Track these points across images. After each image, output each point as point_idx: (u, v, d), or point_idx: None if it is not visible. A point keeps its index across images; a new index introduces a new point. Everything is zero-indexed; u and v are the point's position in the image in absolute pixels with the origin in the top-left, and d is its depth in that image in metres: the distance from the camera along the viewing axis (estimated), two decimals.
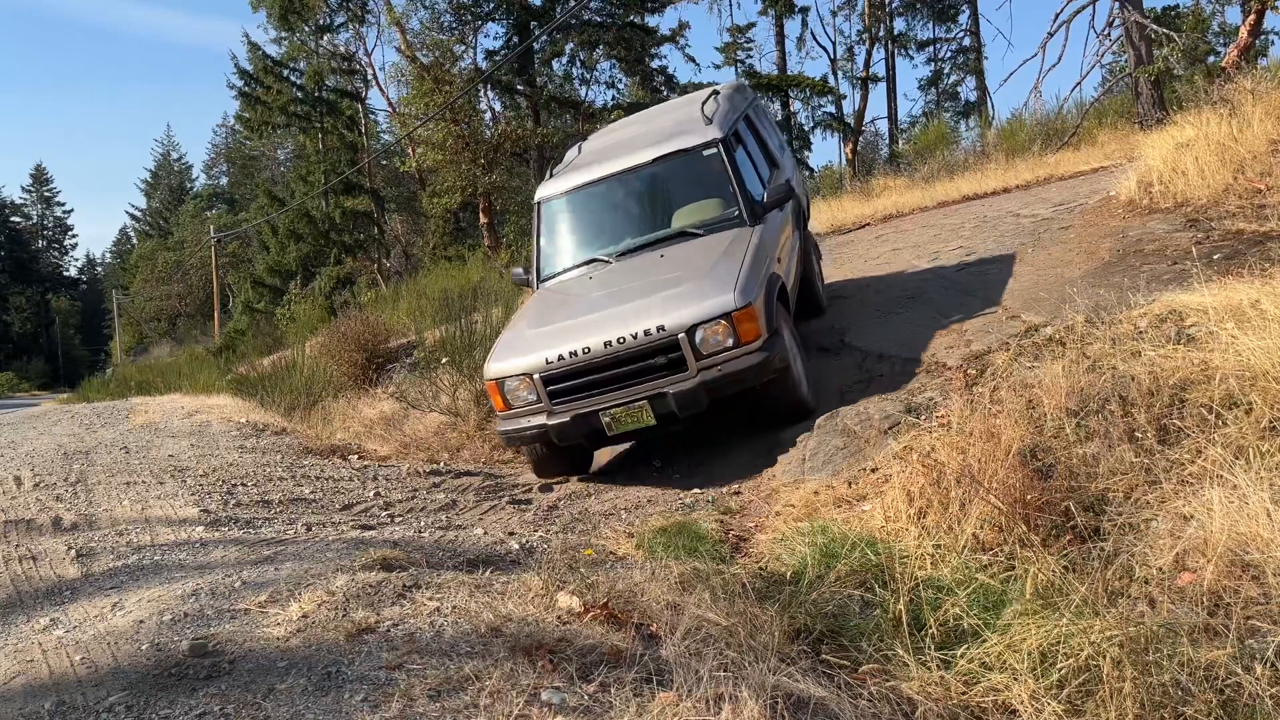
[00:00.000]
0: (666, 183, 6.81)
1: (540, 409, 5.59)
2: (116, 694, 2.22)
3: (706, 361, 5.25)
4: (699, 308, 5.27)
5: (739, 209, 6.25)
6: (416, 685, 2.20)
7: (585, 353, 5.38)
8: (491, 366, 5.83)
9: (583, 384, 5.45)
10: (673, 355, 5.27)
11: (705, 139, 6.52)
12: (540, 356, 5.53)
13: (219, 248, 36.26)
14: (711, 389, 5.23)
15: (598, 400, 5.41)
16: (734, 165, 6.42)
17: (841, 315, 8.04)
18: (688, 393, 5.24)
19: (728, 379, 5.22)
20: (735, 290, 5.28)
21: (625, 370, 5.35)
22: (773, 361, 5.29)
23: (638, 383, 5.35)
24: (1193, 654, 2.31)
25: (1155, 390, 3.71)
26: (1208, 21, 19.67)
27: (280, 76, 30.89)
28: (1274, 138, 7.79)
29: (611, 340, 5.32)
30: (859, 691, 2.40)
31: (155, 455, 6.03)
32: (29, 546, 3.70)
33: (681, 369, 5.28)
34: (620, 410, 5.35)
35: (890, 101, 36.80)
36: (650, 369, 5.33)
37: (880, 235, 11.87)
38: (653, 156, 6.66)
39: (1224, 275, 4.90)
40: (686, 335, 5.23)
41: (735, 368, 5.23)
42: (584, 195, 6.95)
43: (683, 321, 5.25)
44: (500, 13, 27.96)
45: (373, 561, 3.25)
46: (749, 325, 5.26)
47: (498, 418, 5.95)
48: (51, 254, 75.38)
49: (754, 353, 5.27)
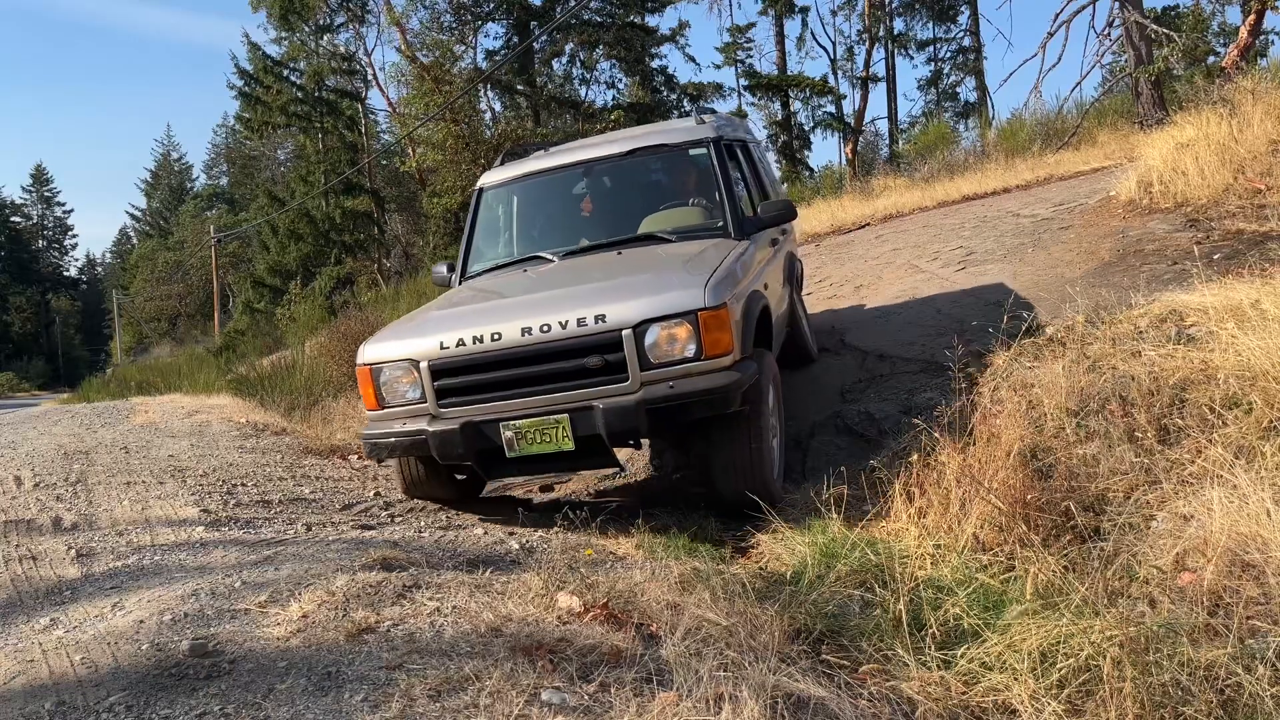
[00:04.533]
0: (639, 182, 5.65)
1: (422, 410, 4.26)
2: (116, 694, 2.22)
3: (655, 373, 3.95)
4: (656, 300, 4.00)
5: (725, 220, 5.05)
6: (416, 685, 2.20)
7: (495, 339, 4.08)
8: (366, 349, 4.49)
9: (484, 382, 4.16)
10: (611, 357, 3.97)
11: (694, 137, 5.44)
12: (434, 340, 4.24)
13: (219, 248, 36.25)
14: (655, 411, 3.90)
15: (501, 406, 4.11)
16: (724, 170, 5.26)
17: (841, 315, 8.04)
18: (622, 411, 3.90)
19: (679, 401, 3.89)
20: (707, 285, 4.01)
21: (545, 370, 4.06)
22: (741, 389, 3.98)
23: (559, 389, 4.04)
24: (1193, 654, 2.31)
25: (1155, 390, 3.71)
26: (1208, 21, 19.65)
27: (280, 76, 30.95)
28: (1274, 138, 7.80)
29: (532, 327, 4.04)
30: (859, 691, 2.40)
31: (155, 455, 6.03)
32: (29, 546, 3.70)
33: (619, 377, 3.98)
34: (529, 424, 4.01)
35: (890, 101, 36.89)
36: (578, 373, 4.03)
37: (880, 235, 11.87)
38: (627, 149, 5.51)
39: (1224, 275, 4.90)
40: (633, 333, 3.94)
41: (692, 387, 3.90)
42: (536, 185, 5.72)
43: (631, 314, 3.96)
44: (500, 13, 28.03)
45: (373, 561, 3.25)
46: (719, 334, 3.98)
47: (367, 418, 4.56)
48: (51, 254, 75.44)
49: (720, 372, 3.98)
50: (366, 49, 40.16)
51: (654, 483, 5.63)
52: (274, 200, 32.25)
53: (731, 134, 5.93)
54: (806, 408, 5.83)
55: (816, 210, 15.41)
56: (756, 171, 6.40)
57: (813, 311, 8.55)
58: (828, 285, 9.77)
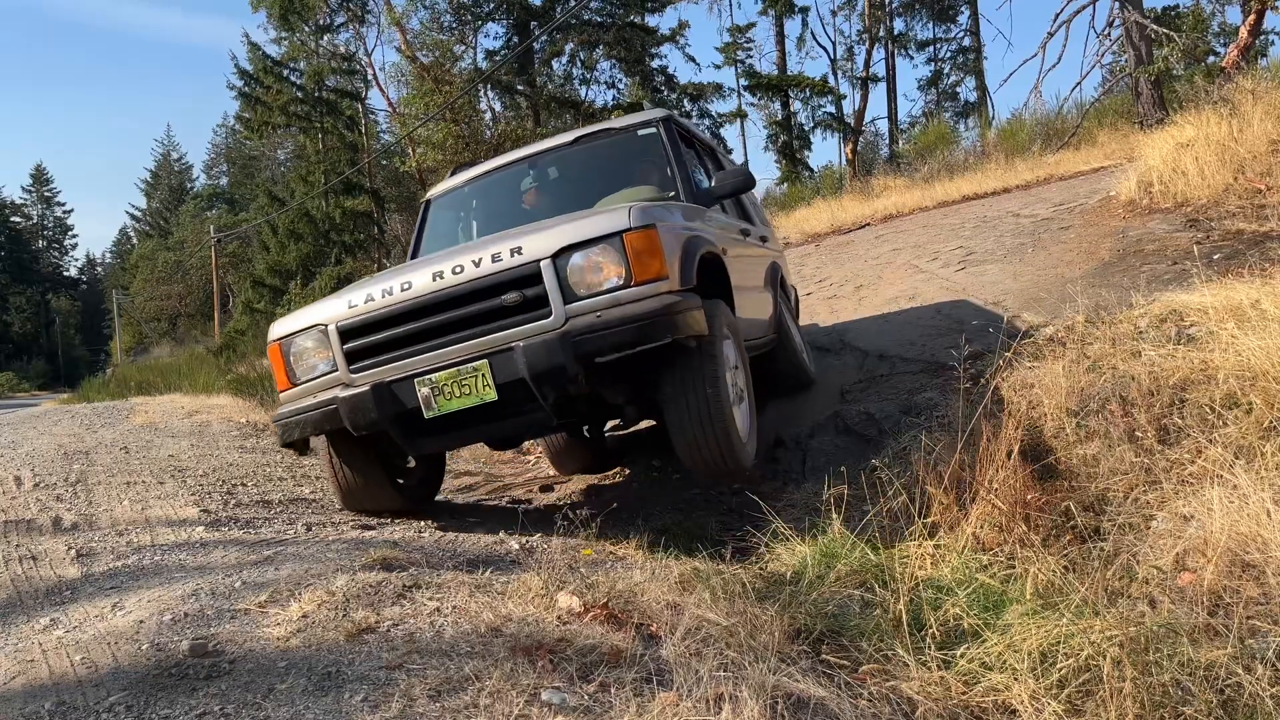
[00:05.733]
0: (588, 170, 5.32)
1: (334, 381, 3.90)
2: (116, 694, 2.22)
3: (581, 304, 3.55)
4: (577, 226, 3.67)
5: (677, 190, 4.77)
6: (416, 685, 2.20)
7: (405, 289, 3.75)
8: (275, 325, 4.18)
9: (397, 338, 3.79)
10: (530, 292, 3.59)
11: (645, 118, 5.17)
12: (341, 302, 3.93)
13: (219, 248, 36.26)
14: (583, 346, 3.47)
15: (415, 362, 3.73)
16: (676, 149, 4.97)
17: (841, 315, 8.04)
18: (545, 347, 3.50)
19: (610, 332, 3.45)
20: (632, 209, 3.65)
21: (460, 315, 3.68)
22: (679, 314, 3.49)
23: (477, 334, 3.66)
24: (1193, 654, 2.31)
25: (1155, 390, 3.72)
26: (1208, 21, 19.67)
27: (280, 76, 30.93)
28: (1274, 138, 7.80)
29: (444, 271, 3.70)
30: (859, 691, 2.40)
31: (155, 455, 6.03)
32: (29, 546, 3.70)
33: (542, 313, 3.58)
34: (446, 375, 3.63)
35: (890, 101, 36.88)
36: (497, 313, 3.64)
37: (880, 235, 11.87)
38: (573, 137, 5.31)
39: (1224, 275, 4.91)
40: (553, 263, 3.57)
41: (623, 314, 3.48)
42: (483, 186, 5.53)
43: (550, 243, 3.61)
44: (500, 13, 28.02)
45: (373, 561, 3.25)
46: (649, 259, 3.55)
47: (278, 401, 4.23)
48: (51, 254, 75.49)
49: (654, 297, 3.52)
50: (366, 49, 40.23)
51: (654, 483, 5.64)
52: (274, 200, 32.23)
53: (688, 127, 5.63)
54: (807, 408, 5.83)
55: (816, 210, 15.42)
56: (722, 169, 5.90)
57: (813, 311, 8.56)
58: (828, 285, 9.77)
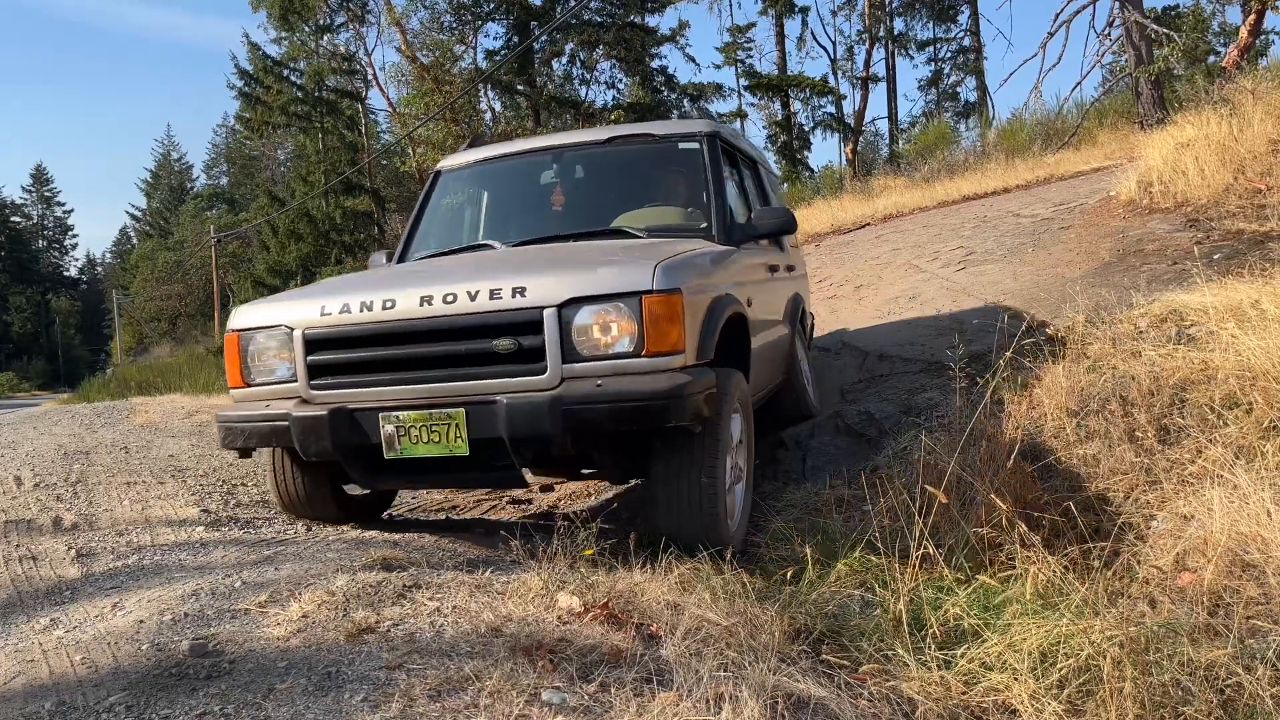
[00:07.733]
0: (618, 175, 4.80)
1: (291, 392, 3.46)
2: (116, 694, 2.22)
3: (581, 367, 3.11)
4: (591, 275, 3.17)
5: (710, 221, 4.25)
6: (417, 685, 2.20)
7: (387, 307, 3.27)
8: (237, 314, 3.70)
9: (368, 360, 3.35)
10: (527, 341, 3.13)
11: (688, 130, 4.64)
12: (314, 305, 3.44)
13: (219, 248, 36.26)
14: (574, 415, 3.03)
15: (384, 393, 3.30)
16: (716, 171, 4.44)
17: (841, 315, 8.05)
18: (531, 409, 3.05)
19: (605, 405, 3.02)
20: (659, 265, 3.15)
21: (443, 351, 3.24)
22: (689, 398, 3.03)
23: (457, 376, 3.21)
24: (1193, 654, 2.31)
25: (1155, 390, 3.72)
26: (1208, 21, 19.68)
27: (280, 76, 31.00)
28: (1274, 138, 7.80)
29: (433, 296, 3.22)
30: (859, 691, 2.40)
31: (155, 455, 6.03)
32: (29, 546, 3.69)
33: (535, 367, 3.13)
34: (415, 417, 3.18)
35: (890, 101, 36.93)
36: (484, 357, 3.19)
37: (880, 235, 11.87)
38: (606, 136, 4.77)
39: (1224, 275, 4.91)
40: (557, 313, 3.10)
41: (624, 387, 3.04)
42: (499, 170, 4.99)
43: (558, 290, 3.12)
44: (500, 13, 28.01)
45: (373, 561, 3.25)
46: (668, 327, 3.08)
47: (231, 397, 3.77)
48: (51, 254, 75.56)
49: (664, 373, 3.08)
50: (366, 49, 40.25)
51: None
52: (274, 200, 32.28)
53: (734, 140, 5.07)
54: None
55: (816, 210, 15.43)
56: (764, 193, 5.52)
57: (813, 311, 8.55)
58: (828, 285, 9.78)
